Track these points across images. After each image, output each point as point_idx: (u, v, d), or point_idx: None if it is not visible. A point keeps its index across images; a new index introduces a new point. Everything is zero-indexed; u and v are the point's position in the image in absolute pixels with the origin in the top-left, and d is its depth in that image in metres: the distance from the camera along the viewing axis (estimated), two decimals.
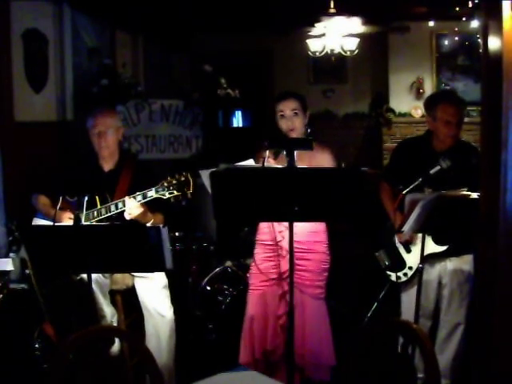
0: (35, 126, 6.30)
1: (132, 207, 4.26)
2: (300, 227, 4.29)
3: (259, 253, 4.48)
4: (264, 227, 4.47)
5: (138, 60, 9.30)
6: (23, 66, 6.25)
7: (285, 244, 4.33)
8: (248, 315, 4.44)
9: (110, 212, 4.36)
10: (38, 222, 4.64)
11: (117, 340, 4.64)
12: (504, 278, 3.12)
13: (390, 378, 4.23)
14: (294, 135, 4.35)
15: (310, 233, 4.34)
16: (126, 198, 4.29)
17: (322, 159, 4.31)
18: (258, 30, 10.45)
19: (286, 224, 4.31)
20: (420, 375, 4.50)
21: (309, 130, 4.44)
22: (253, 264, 4.50)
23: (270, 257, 4.40)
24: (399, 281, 4.63)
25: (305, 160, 4.08)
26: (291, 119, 4.37)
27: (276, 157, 4.17)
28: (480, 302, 3.41)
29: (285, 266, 4.32)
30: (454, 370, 4.55)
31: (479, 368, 3.39)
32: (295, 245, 4.22)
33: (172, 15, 8.52)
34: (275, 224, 4.36)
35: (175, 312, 4.67)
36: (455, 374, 4.55)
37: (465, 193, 4.03)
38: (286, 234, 4.33)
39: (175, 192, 4.15)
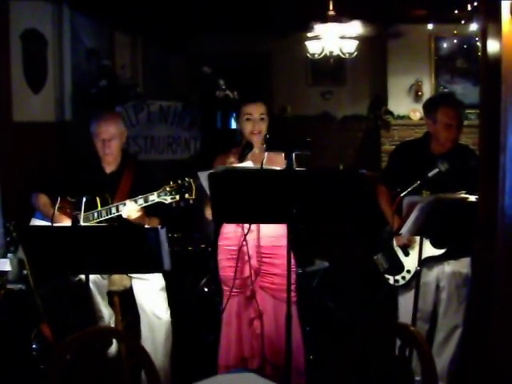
0: (33, 126, 6.30)
1: (131, 210, 4.26)
2: (264, 232, 4.29)
3: (223, 259, 4.45)
4: (227, 232, 4.44)
5: (137, 61, 9.32)
6: (22, 66, 6.25)
7: (247, 249, 4.31)
8: (224, 322, 4.44)
9: (111, 214, 4.36)
10: (36, 222, 4.64)
11: (114, 341, 4.64)
12: (502, 281, 3.13)
13: (387, 381, 4.23)
14: (257, 139, 4.33)
15: (271, 238, 4.32)
16: (128, 201, 4.29)
17: (277, 160, 4.22)
18: (256, 32, 10.46)
19: (252, 227, 4.29)
20: (417, 378, 4.50)
21: (267, 136, 4.42)
22: (220, 271, 4.48)
23: (233, 262, 4.37)
24: (397, 284, 4.62)
25: (270, 162, 4.02)
26: (258, 123, 4.37)
27: (242, 159, 4.18)
28: (478, 305, 3.42)
29: (247, 271, 4.32)
30: (451, 372, 4.54)
31: (477, 371, 3.39)
32: (259, 250, 4.25)
33: (171, 17, 8.53)
34: (239, 229, 4.33)
35: (173, 314, 4.66)
36: (452, 377, 4.55)
37: (463, 196, 4.03)
38: (250, 238, 4.31)
39: (177, 197, 4.14)
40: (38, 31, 6.50)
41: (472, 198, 3.88)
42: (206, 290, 5.96)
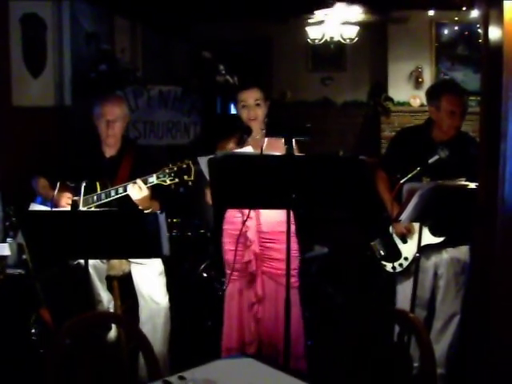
0: (33, 111, 6.27)
1: (140, 190, 4.22)
2: (265, 217, 4.30)
3: (226, 243, 4.48)
4: (230, 216, 4.46)
5: (137, 46, 9.28)
6: (21, 50, 6.22)
7: (250, 234, 4.33)
8: (225, 305, 4.47)
9: (110, 197, 4.34)
10: (36, 207, 4.63)
11: (113, 326, 4.65)
12: (501, 268, 3.13)
13: (386, 367, 4.24)
14: (255, 125, 4.36)
15: (275, 223, 4.32)
16: (138, 180, 4.25)
17: (277, 145, 4.22)
18: (257, 17, 10.42)
19: (251, 214, 4.30)
20: (415, 364, 4.51)
21: (265, 120, 4.42)
22: (224, 254, 4.50)
23: (237, 246, 4.38)
24: (394, 271, 4.63)
25: (270, 147, 4.05)
26: (254, 109, 4.38)
27: (241, 145, 4.20)
28: (477, 292, 3.42)
29: (248, 255, 4.33)
30: (448, 359, 4.56)
31: (475, 357, 3.40)
32: (260, 235, 4.26)
33: (171, 1, 8.49)
34: (239, 214, 4.34)
35: (171, 299, 4.67)
36: (450, 364, 4.57)
37: (463, 183, 4.03)
38: (251, 223, 4.32)
39: (176, 179, 4.14)
40: (37, 15, 6.47)
41: (472, 186, 3.88)
42: (204, 275, 5.97)
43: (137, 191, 4.22)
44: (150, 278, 4.59)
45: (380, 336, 3.51)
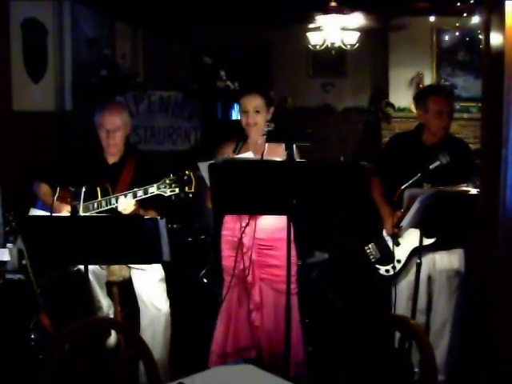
0: (33, 115, 6.28)
1: (127, 204, 4.25)
2: (262, 224, 4.28)
3: (225, 249, 4.48)
4: (228, 222, 4.45)
5: (138, 51, 9.29)
6: (22, 55, 6.23)
7: (246, 241, 4.32)
8: (222, 310, 4.46)
9: (110, 205, 4.34)
10: (35, 212, 4.63)
11: (113, 332, 4.63)
12: (503, 274, 3.12)
13: (386, 373, 4.22)
14: (253, 131, 4.35)
15: (272, 229, 4.32)
16: (122, 196, 4.28)
17: (278, 151, 4.22)
18: (257, 22, 10.43)
19: (247, 220, 4.30)
20: (416, 370, 4.49)
21: (269, 127, 4.39)
22: (222, 260, 4.49)
23: (234, 253, 4.36)
24: (387, 274, 4.62)
25: (271, 153, 4.04)
26: (252, 116, 4.36)
27: (236, 151, 4.21)
28: (478, 298, 3.41)
29: (246, 262, 4.32)
30: (448, 365, 4.54)
31: (477, 365, 3.39)
32: (257, 242, 4.25)
33: (172, 7, 8.50)
34: (237, 220, 4.33)
35: (171, 304, 4.65)
36: (450, 370, 4.55)
37: (464, 189, 4.03)
38: (248, 230, 4.31)
39: (176, 190, 4.14)
40: (38, 20, 6.48)
41: (473, 191, 3.88)
42: (205, 280, 5.96)
43: (122, 207, 4.25)
44: (150, 283, 4.58)
45: (381, 342, 3.50)
